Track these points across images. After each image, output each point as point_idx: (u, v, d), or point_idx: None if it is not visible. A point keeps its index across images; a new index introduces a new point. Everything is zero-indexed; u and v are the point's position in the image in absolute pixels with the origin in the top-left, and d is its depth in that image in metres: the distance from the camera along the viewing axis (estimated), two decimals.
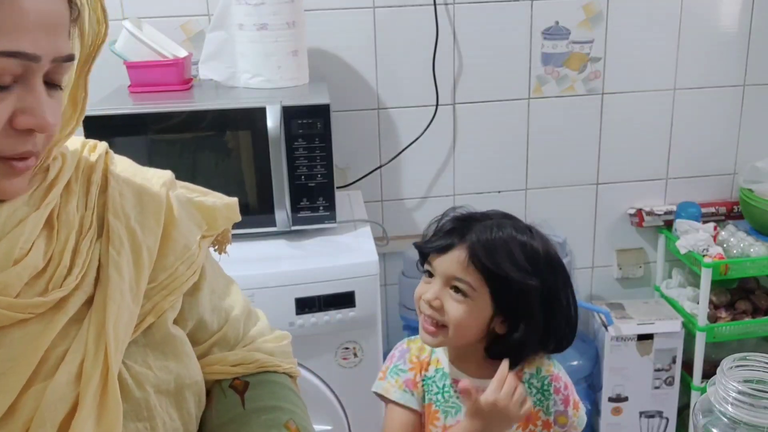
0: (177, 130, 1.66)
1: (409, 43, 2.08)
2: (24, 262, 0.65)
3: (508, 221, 1.16)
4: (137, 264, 0.73)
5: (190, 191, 0.87)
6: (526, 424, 1.18)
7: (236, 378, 0.86)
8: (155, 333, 0.75)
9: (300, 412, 0.84)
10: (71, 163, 0.74)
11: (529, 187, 2.28)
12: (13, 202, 0.67)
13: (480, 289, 1.11)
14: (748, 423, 0.72)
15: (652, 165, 2.32)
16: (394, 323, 2.30)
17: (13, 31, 0.59)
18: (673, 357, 2.22)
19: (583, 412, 1.23)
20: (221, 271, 0.93)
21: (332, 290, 1.59)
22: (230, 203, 0.90)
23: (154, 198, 0.79)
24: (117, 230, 0.73)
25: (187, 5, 1.99)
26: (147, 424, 0.72)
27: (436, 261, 1.13)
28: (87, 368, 0.66)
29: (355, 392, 1.64)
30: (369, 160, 2.16)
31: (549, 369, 1.21)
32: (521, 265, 1.11)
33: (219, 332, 0.86)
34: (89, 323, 0.68)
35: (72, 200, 0.72)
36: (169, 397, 0.76)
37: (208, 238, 0.87)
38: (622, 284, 2.44)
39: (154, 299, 0.75)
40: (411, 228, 2.21)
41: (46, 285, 0.67)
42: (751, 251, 2.15)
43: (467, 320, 1.12)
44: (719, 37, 2.22)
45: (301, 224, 1.70)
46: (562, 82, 2.19)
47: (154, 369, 0.74)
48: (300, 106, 1.65)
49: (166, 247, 0.78)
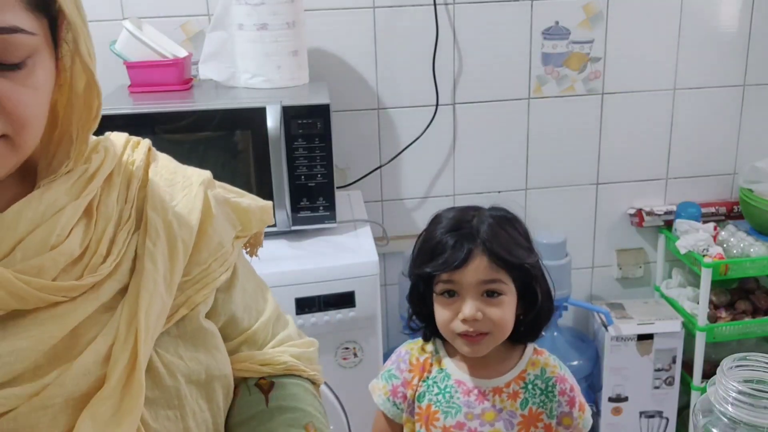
0: (177, 130, 1.66)
1: (409, 43, 2.09)
2: (60, 248, 0.66)
3: (486, 211, 1.17)
4: (172, 256, 0.75)
5: (227, 191, 0.89)
6: (527, 427, 1.18)
7: (262, 377, 0.87)
8: (187, 325, 0.77)
9: (321, 417, 0.86)
10: (113, 157, 0.76)
11: (529, 187, 2.28)
12: (55, 191, 0.68)
13: (508, 283, 1.13)
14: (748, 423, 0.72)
15: (652, 165, 2.32)
16: (394, 323, 2.30)
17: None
18: (673, 357, 2.22)
19: (588, 415, 1.22)
20: (254, 273, 0.94)
21: (332, 290, 1.59)
22: (265, 206, 0.92)
23: (192, 194, 0.80)
24: (154, 223, 0.75)
25: (187, 5, 1.99)
26: (177, 413, 0.74)
27: (458, 276, 1.11)
28: (116, 351, 0.67)
29: (355, 392, 1.64)
30: (369, 160, 2.16)
31: (554, 371, 1.20)
32: (525, 245, 1.15)
33: (249, 331, 0.88)
34: (122, 310, 0.70)
35: (112, 192, 0.74)
36: (199, 388, 0.77)
37: (241, 238, 0.88)
38: (622, 284, 2.44)
39: (187, 292, 0.77)
40: (411, 228, 2.21)
41: (81, 272, 0.68)
42: (751, 251, 2.15)
43: (509, 317, 1.14)
44: (719, 37, 2.22)
45: (301, 224, 1.70)
46: (562, 82, 2.19)
47: (185, 359, 0.75)
48: (300, 106, 1.65)
49: (201, 243, 0.79)
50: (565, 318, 2.32)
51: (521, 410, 1.18)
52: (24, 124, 0.63)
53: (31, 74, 0.63)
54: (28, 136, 0.64)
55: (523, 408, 1.18)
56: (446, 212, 1.19)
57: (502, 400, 1.17)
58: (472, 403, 1.17)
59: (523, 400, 1.18)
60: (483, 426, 1.17)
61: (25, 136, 0.64)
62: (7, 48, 0.60)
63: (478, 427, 1.17)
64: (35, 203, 0.66)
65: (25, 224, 0.65)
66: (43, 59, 0.64)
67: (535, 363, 1.20)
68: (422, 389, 1.20)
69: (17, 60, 0.61)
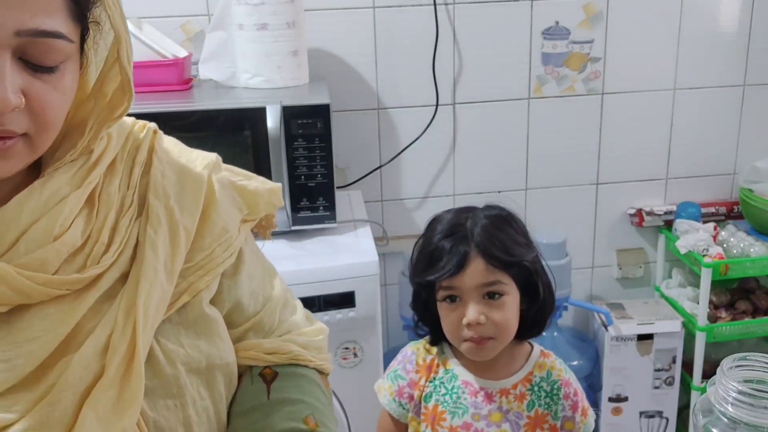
0: (177, 130, 1.64)
1: (409, 43, 2.09)
2: (62, 239, 0.66)
3: (480, 211, 1.17)
4: (173, 243, 0.74)
5: (234, 174, 0.88)
6: (533, 428, 1.18)
7: (267, 366, 0.86)
8: (189, 312, 0.77)
9: (322, 408, 0.85)
10: (117, 142, 0.75)
11: (529, 187, 2.28)
12: (57, 180, 0.68)
13: (508, 282, 1.13)
14: (748, 423, 0.72)
15: (652, 165, 2.32)
16: (394, 323, 2.30)
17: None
18: (673, 357, 2.22)
19: (591, 420, 1.22)
20: (263, 258, 0.93)
21: (332, 290, 1.59)
22: (273, 188, 0.91)
23: (195, 179, 0.80)
24: (156, 209, 0.74)
25: (187, 5, 1.99)
26: (177, 401, 0.73)
27: (457, 281, 1.11)
28: (114, 341, 0.67)
29: (355, 392, 1.64)
30: (369, 160, 2.16)
31: (560, 374, 1.20)
32: (523, 242, 1.15)
33: (255, 317, 0.87)
34: (121, 299, 0.70)
35: (115, 180, 0.74)
36: (200, 376, 0.77)
37: (249, 222, 0.87)
38: (622, 284, 2.44)
39: (189, 279, 0.76)
40: (411, 228, 2.21)
41: (84, 262, 0.69)
42: (751, 251, 2.15)
43: (512, 319, 1.14)
44: (719, 37, 2.22)
45: (301, 224, 1.70)
46: (562, 82, 2.19)
47: (185, 347, 0.75)
48: (300, 106, 1.65)
49: (204, 229, 0.79)
50: (565, 318, 2.32)
51: (528, 412, 1.18)
52: (47, 126, 0.65)
53: (62, 79, 0.65)
54: (47, 138, 0.66)
55: (529, 410, 1.18)
56: (442, 216, 1.18)
57: (509, 402, 1.18)
58: (479, 403, 1.18)
59: (529, 402, 1.18)
60: (490, 427, 1.17)
61: (44, 137, 0.66)
62: (47, 52, 0.63)
63: (484, 427, 1.17)
64: (37, 194, 0.67)
65: (27, 216, 0.66)
66: (72, 65, 0.67)
67: (542, 366, 1.21)
68: (429, 390, 1.20)
69: (53, 64, 0.64)
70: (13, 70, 0.61)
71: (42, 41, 0.62)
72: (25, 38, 0.60)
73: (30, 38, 0.61)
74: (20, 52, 0.61)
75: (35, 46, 0.62)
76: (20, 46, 0.61)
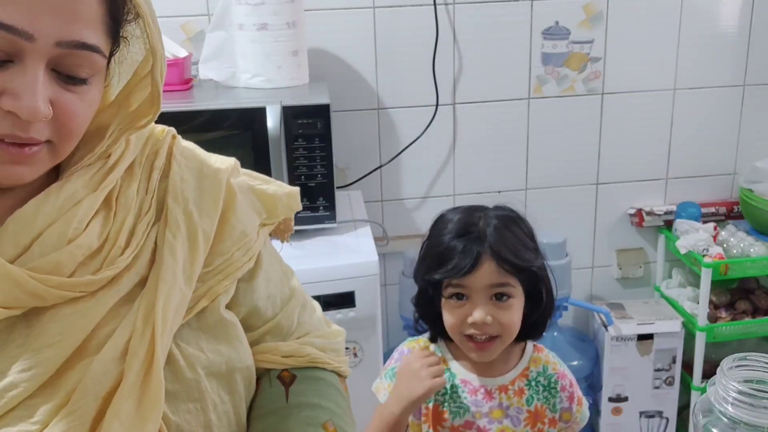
0: (177, 130, 1.66)
1: (409, 43, 2.08)
2: (77, 241, 0.66)
3: (491, 211, 1.17)
4: (192, 247, 0.74)
5: (252, 179, 0.88)
6: (534, 422, 1.19)
7: (285, 369, 0.86)
8: (208, 317, 0.76)
9: (341, 413, 0.84)
10: (135, 147, 0.76)
11: (529, 187, 2.28)
12: (73, 184, 0.69)
13: (516, 285, 1.13)
14: (748, 423, 0.72)
15: (652, 165, 2.32)
16: (394, 323, 2.30)
17: (2, 2, 0.57)
18: (673, 357, 2.22)
19: (585, 408, 1.24)
20: (280, 261, 0.92)
21: (332, 290, 1.59)
22: (292, 192, 0.90)
23: (214, 183, 0.80)
24: (175, 213, 0.74)
25: (187, 5, 1.99)
26: (198, 405, 0.73)
27: (467, 280, 1.12)
28: (133, 346, 0.67)
29: (354, 392, 1.63)
30: (369, 160, 2.16)
31: (555, 367, 1.22)
32: (532, 246, 1.15)
33: (272, 320, 0.86)
34: (140, 303, 0.69)
35: (133, 184, 0.74)
36: (220, 380, 0.76)
37: (267, 226, 0.87)
38: (622, 284, 2.44)
39: (208, 283, 0.76)
40: (411, 228, 2.21)
41: (100, 265, 0.68)
42: (751, 251, 2.15)
43: (517, 320, 1.15)
44: (719, 37, 2.22)
45: (301, 224, 1.70)
46: (562, 82, 2.19)
47: (206, 352, 0.75)
48: (300, 106, 1.65)
49: (224, 233, 0.78)
50: (565, 318, 2.32)
51: (527, 406, 1.19)
52: (70, 135, 0.66)
53: (90, 91, 0.66)
54: (69, 146, 0.67)
55: (529, 404, 1.19)
56: (451, 214, 1.18)
57: (508, 398, 1.18)
58: (479, 401, 1.18)
59: (528, 397, 1.19)
60: (491, 423, 1.17)
61: (66, 145, 0.67)
62: (82, 64, 0.64)
63: (486, 425, 1.17)
64: (53, 197, 0.67)
65: (43, 219, 0.66)
66: (100, 79, 0.68)
67: (537, 360, 1.22)
68: None
69: (86, 77, 0.65)
70: (45, 80, 0.61)
71: (79, 53, 0.63)
72: (65, 50, 0.61)
73: (69, 50, 0.62)
74: (54, 63, 0.62)
75: (71, 57, 0.63)
76: (56, 57, 0.62)
